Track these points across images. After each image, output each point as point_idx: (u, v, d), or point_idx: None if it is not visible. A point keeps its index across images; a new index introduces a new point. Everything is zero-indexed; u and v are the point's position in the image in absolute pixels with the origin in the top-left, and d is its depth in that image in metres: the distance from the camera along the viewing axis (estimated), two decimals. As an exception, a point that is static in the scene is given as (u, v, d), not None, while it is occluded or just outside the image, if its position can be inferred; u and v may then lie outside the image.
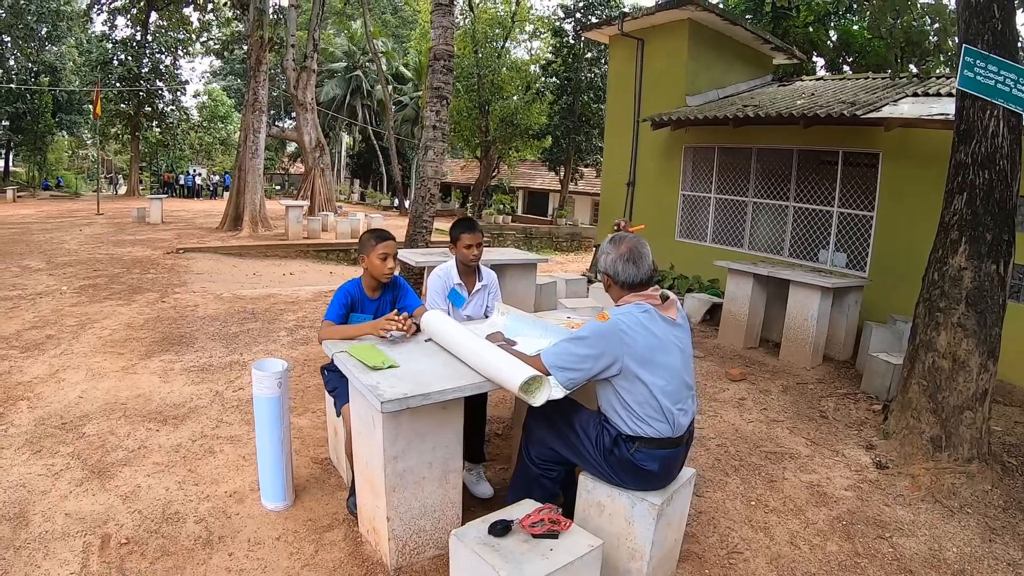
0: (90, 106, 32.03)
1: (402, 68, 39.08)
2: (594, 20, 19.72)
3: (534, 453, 2.81)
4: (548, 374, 2.51)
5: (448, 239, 3.85)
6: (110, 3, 30.57)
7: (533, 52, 30.60)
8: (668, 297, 2.65)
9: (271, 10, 18.20)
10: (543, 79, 26.85)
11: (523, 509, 2.48)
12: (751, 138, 8.57)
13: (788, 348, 6.40)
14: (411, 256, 6.81)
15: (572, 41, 24.68)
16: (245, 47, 27.36)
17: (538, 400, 2.47)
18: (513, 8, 25.58)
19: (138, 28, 31.97)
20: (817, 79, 10.40)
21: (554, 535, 2.30)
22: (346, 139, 44.76)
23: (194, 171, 41.45)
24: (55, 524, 3.12)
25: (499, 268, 6.79)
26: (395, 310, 3.33)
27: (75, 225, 19.41)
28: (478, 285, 3.94)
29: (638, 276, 2.61)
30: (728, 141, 8.91)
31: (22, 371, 6.16)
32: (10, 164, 42.11)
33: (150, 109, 33.47)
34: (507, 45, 26.39)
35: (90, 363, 6.00)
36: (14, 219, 21.11)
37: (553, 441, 2.74)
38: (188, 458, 3.79)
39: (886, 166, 7.29)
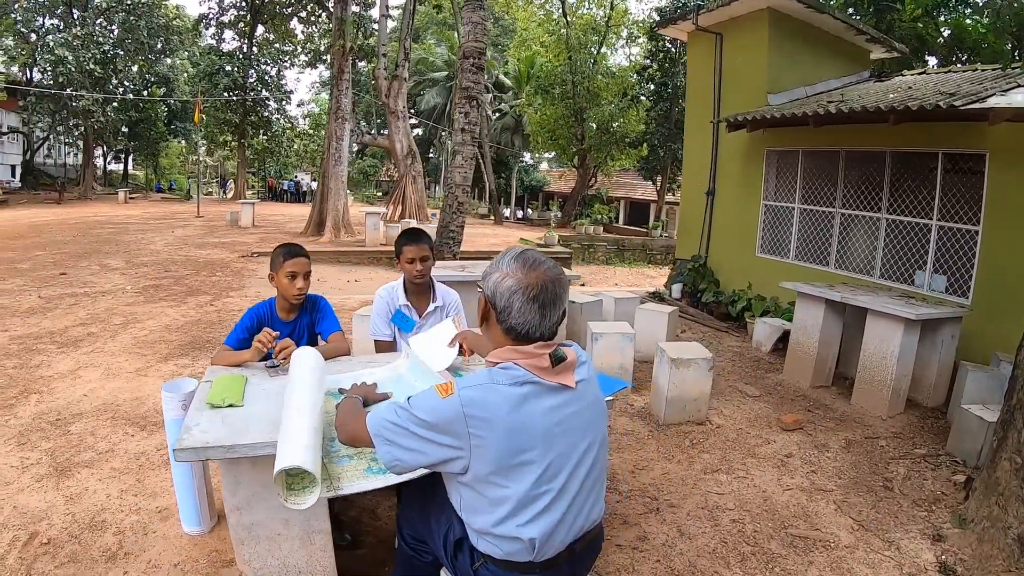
0: (201, 115, 34.03)
1: (502, 77, 39.05)
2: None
3: (404, 529, 2.12)
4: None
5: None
6: (218, 17, 32.40)
7: (632, 58, 29.71)
8: (563, 359, 1.67)
9: (354, 19, 18.35)
10: (639, 85, 25.90)
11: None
12: (838, 139, 7.42)
13: (862, 391, 5.25)
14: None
15: (668, 45, 23.59)
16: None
17: (301, 502, 1.84)
18: (608, 12, 24.82)
19: (244, 41, 33.67)
20: (919, 73, 8.97)
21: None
22: (450, 147, 45.21)
23: (297, 177, 43.31)
24: (1, 515, 3.25)
25: None
26: (266, 331, 2.78)
27: (171, 226, 20.40)
28: (431, 307, 3.32)
29: (539, 328, 1.68)
30: (813, 143, 7.80)
31: (49, 365, 6.34)
32: (129, 167, 45.77)
33: (255, 118, 35.12)
34: (602, 51, 25.67)
35: (111, 362, 6.14)
36: (119, 219, 22.48)
37: (418, 521, 2.04)
38: (144, 467, 3.72)
39: (994, 170, 5.96)
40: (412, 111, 40.93)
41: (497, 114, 37.93)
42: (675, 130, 24.45)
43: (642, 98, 25.69)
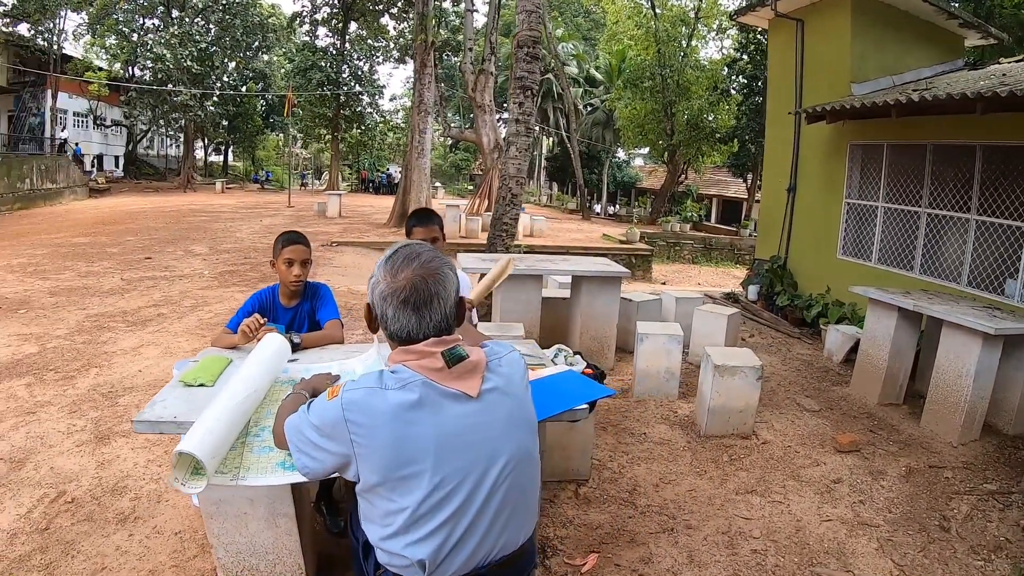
0: (297, 109, 35.35)
1: (593, 71, 38.55)
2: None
3: (353, 525, 1.90)
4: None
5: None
6: (311, 15, 33.44)
7: (724, 51, 28.61)
8: (463, 358, 1.50)
9: (435, 13, 18.48)
10: (730, 78, 24.88)
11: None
12: (924, 132, 6.72)
13: (932, 413, 4.63)
14: (467, 261, 6.15)
15: (759, 36, 22.50)
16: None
17: (195, 486, 1.76)
18: (697, 4, 23.96)
19: (337, 37, 34.61)
20: (1017, 60, 8.00)
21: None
22: (546, 142, 45.24)
23: (390, 169, 44.28)
24: (38, 473, 3.59)
25: (575, 281, 5.97)
26: (255, 317, 2.75)
27: (260, 216, 21.18)
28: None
29: (419, 331, 1.52)
30: (897, 137, 7.11)
31: (115, 343, 6.69)
32: (229, 159, 48.03)
33: (349, 112, 36.07)
34: (692, 43, 24.83)
35: (172, 342, 6.47)
36: (212, 208, 23.56)
37: (353, 518, 1.85)
38: (174, 440, 3.75)
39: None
40: (504, 105, 41.08)
41: (588, 108, 37.52)
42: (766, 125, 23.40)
43: (732, 92, 24.71)
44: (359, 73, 36.07)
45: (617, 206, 36.80)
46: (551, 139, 44.14)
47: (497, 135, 22.00)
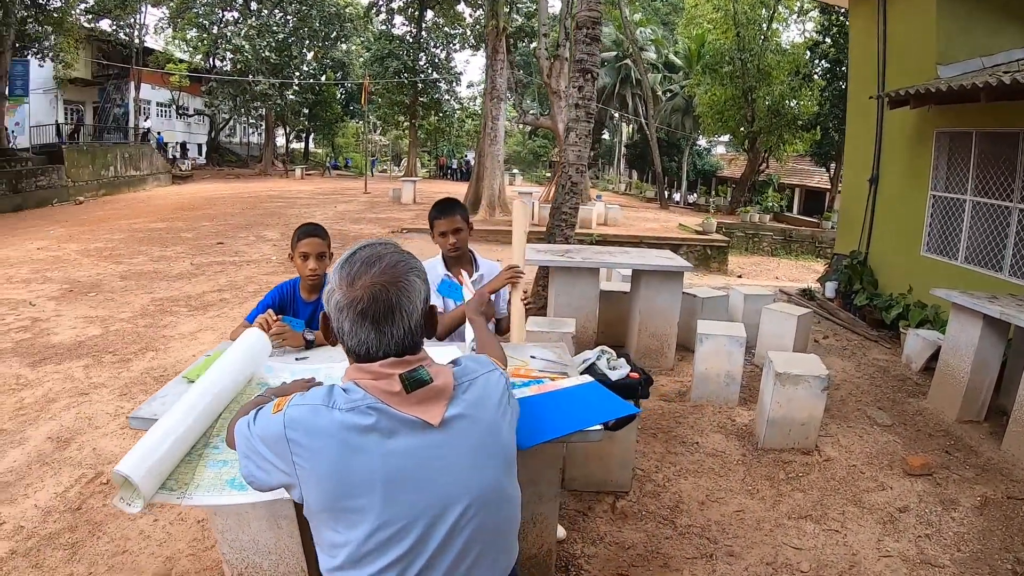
0: (376, 97, 35.93)
1: (672, 56, 37.54)
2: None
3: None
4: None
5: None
6: (387, 4, 33.77)
7: (806, 34, 27.26)
8: (425, 382, 1.28)
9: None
10: (812, 62, 23.69)
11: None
12: (1018, 118, 6.03)
13: (1016, 435, 4.03)
14: (528, 255, 5.91)
15: (843, 18, 21.26)
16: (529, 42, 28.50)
17: (130, 507, 1.64)
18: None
19: (413, 25, 34.88)
20: None
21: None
22: (626, 130, 44.55)
23: (468, 156, 44.51)
24: (80, 453, 3.79)
25: (635, 275, 5.68)
26: (269, 312, 2.64)
27: (336, 202, 21.55)
28: (474, 276, 3.09)
29: (380, 346, 1.30)
30: (988, 123, 6.43)
31: (175, 327, 6.86)
32: (309, 146, 49.24)
33: (426, 99, 36.38)
34: (773, 26, 23.74)
35: (229, 327, 6.66)
36: (290, 194, 24.15)
37: None
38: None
39: None
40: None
41: (667, 95, 36.64)
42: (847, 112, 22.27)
43: (815, 77, 23.53)
44: (436, 60, 36.40)
45: (696, 195, 35.84)
46: (631, 126, 43.44)
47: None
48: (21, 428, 4.45)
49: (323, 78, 39.80)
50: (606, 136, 49.24)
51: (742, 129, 24.98)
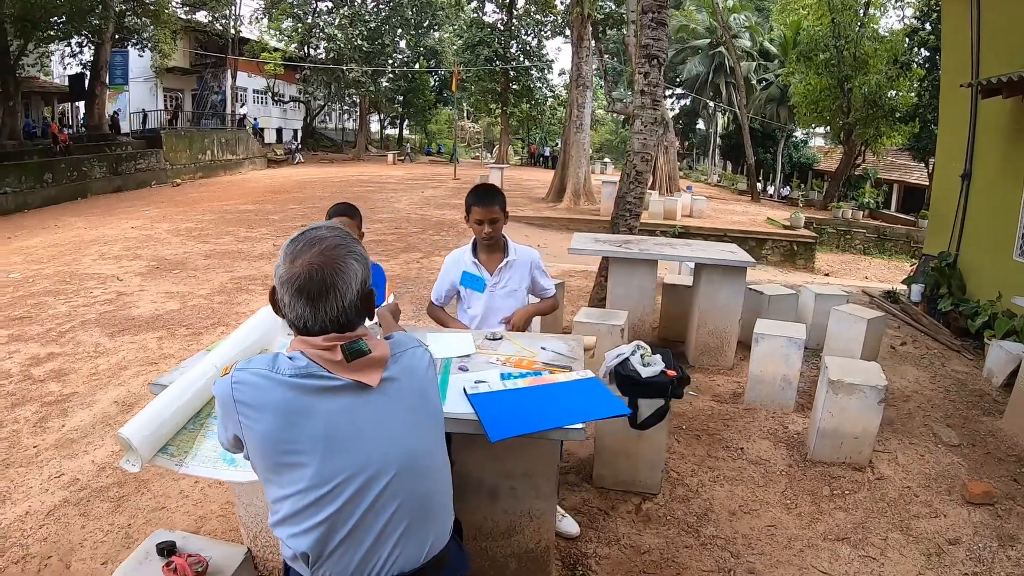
0: (467, 84, 36.28)
1: (767, 44, 36.10)
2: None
3: None
4: None
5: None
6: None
7: (905, 20, 25.55)
8: (364, 352, 1.39)
9: None
10: (911, 50, 22.17)
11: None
12: None
13: None
14: (581, 241, 5.79)
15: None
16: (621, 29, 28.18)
17: (133, 467, 1.78)
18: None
19: (504, 12, 34.87)
20: None
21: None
22: (721, 120, 43.40)
23: (559, 143, 44.43)
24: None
25: (696, 268, 5.48)
26: None
27: (424, 187, 21.91)
28: (502, 262, 3.04)
29: (315, 322, 1.38)
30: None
31: (248, 304, 7.26)
32: (403, 132, 50.21)
33: (518, 87, 36.43)
34: (870, 11, 22.37)
35: None
36: (380, 179, 24.72)
37: None
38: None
39: None
40: (675, 80, 39.76)
41: (762, 84, 35.34)
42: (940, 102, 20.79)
43: (914, 65, 22.04)
44: (527, 48, 36.40)
45: (791, 188, 34.47)
46: (726, 116, 42.20)
47: (663, 110, 21.29)
48: (92, 392, 4.76)
49: (416, 66, 40.53)
50: (701, 126, 48.00)
51: (838, 120, 23.71)
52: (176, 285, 8.01)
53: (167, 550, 1.96)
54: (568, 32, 33.93)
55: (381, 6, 34.57)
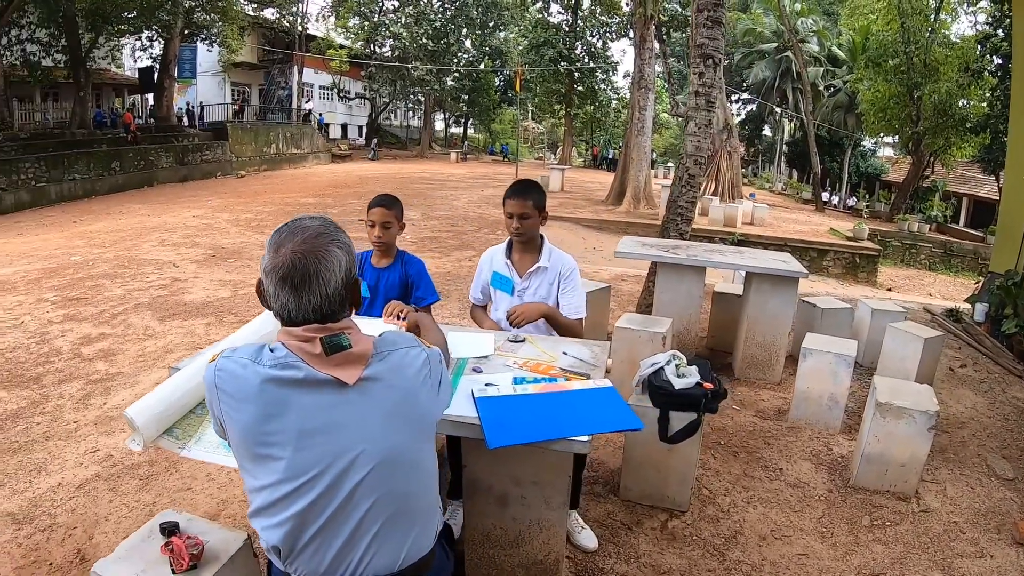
0: (531, 85, 36.33)
1: (835, 49, 35.00)
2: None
3: None
4: None
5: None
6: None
7: (978, 26, 24.39)
8: (344, 347, 1.37)
9: None
10: (983, 57, 21.14)
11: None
12: None
13: None
14: (627, 245, 5.63)
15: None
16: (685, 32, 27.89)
17: (137, 446, 1.82)
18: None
19: (569, 13, 34.76)
20: None
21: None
22: (787, 126, 42.40)
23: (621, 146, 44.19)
24: None
25: (747, 277, 5.30)
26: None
27: (484, 186, 21.99)
28: (534, 266, 2.94)
29: (298, 311, 1.38)
30: None
31: None
32: (467, 131, 50.55)
33: (582, 88, 36.28)
34: (940, 17, 21.43)
35: None
36: (441, 176, 24.93)
37: None
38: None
39: None
40: (741, 84, 39.03)
41: (830, 90, 34.33)
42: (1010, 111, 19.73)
43: (986, 73, 21.02)
44: (592, 50, 36.23)
45: (856, 199, 33.37)
46: (792, 122, 41.17)
47: (727, 114, 20.95)
48: (136, 372, 4.89)
49: (481, 66, 40.79)
50: (767, 132, 46.91)
51: (906, 129, 22.88)
52: (229, 273, 8.19)
53: (169, 530, 1.97)
54: (632, 33, 33.82)
55: (446, 6, 34.93)
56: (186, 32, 24.97)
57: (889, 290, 14.18)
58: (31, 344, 5.42)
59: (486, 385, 2.05)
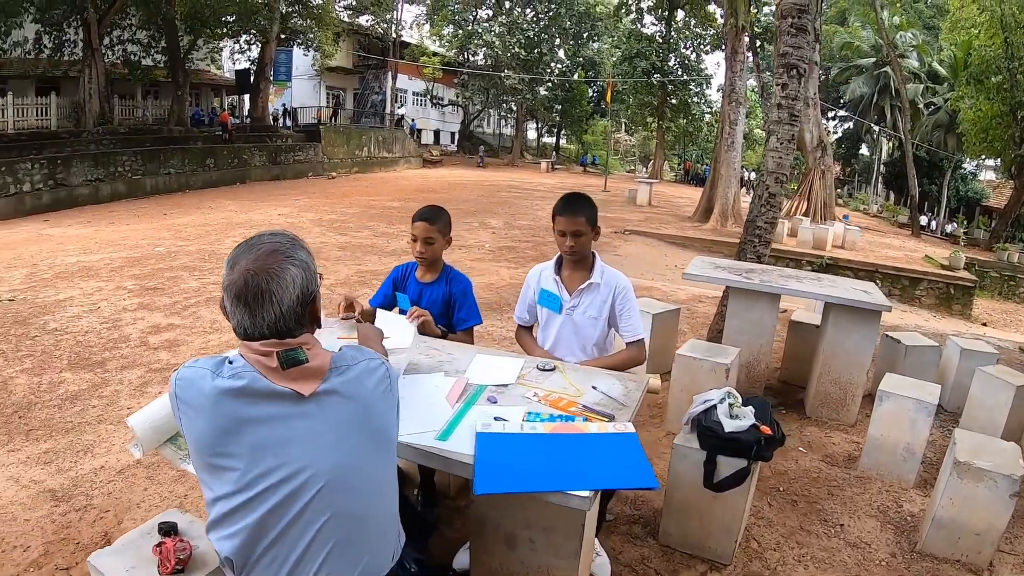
0: (624, 96, 36.03)
1: (935, 64, 33.06)
2: None
3: None
4: None
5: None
6: (637, 3, 33.54)
7: None
8: (300, 361, 1.38)
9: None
10: None
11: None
12: None
13: None
14: (698, 266, 5.35)
15: None
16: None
17: (138, 451, 1.82)
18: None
19: (663, 25, 34.38)
20: None
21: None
22: (886, 146, 40.53)
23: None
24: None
25: (825, 307, 4.95)
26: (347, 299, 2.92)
27: (571, 198, 21.92)
28: (584, 283, 2.81)
29: (253, 328, 1.39)
30: None
31: (365, 297, 7.34)
32: (560, 141, 50.55)
33: (676, 101, 35.73)
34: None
35: None
36: (529, 185, 25.04)
37: None
38: None
39: None
40: (838, 101, 37.55)
41: (930, 108, 32.49)
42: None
43: None
44: (686, 62, 35.67)
45: (955, 224, 31.38)
46: (891, 142, 39.24)
47: (821, 131, 20.20)
48: (197, 364, 5.03)
49: (575, 76, 40.81)
50: (864, 151, 44.85)
51: (1009, 151, 21.41)
52: (303, 273, 8.32)
53: (166, 530, 1.99)
54: (724, 45, 33.07)
55: (539, 16, 35.10)
56: (282, 36, 26.05)
57: (984, 325, 13.20)
58: (103, 329, 5.66)
59: (494, 419, 1.91)
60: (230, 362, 1.40)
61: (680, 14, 34.49)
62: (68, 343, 5.34)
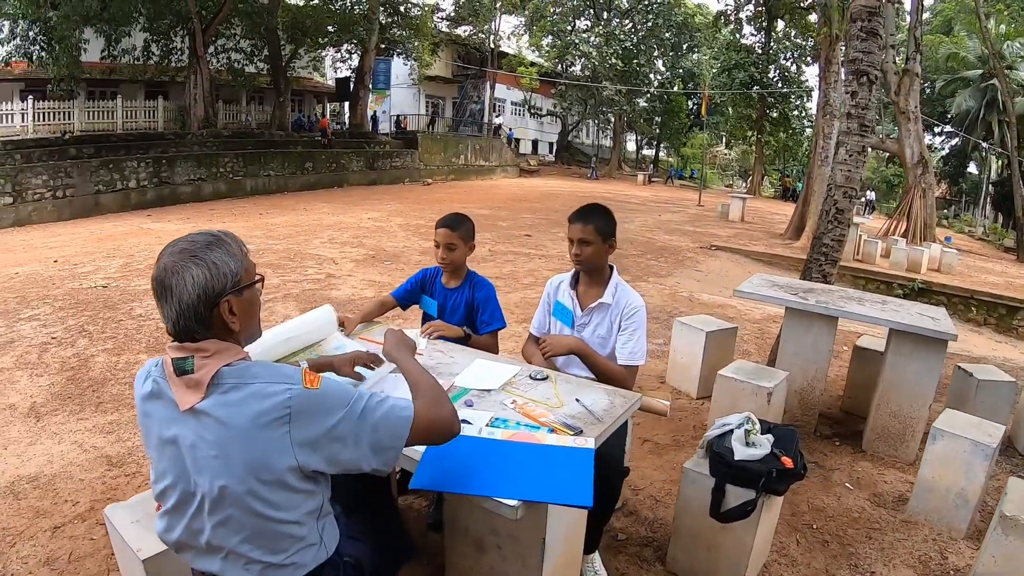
0: (723, 109, 35.22)
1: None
2: None
3: None
4: None
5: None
6: (735, 13, 32.63)
7: None
8: (186, 371, 1.40)
9: (839, 3, 16.34)
10: None
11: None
12: None
13: None
14: (755, 285, 5.11)
15: None
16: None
17: None
18: None
19: (762, 35, 33.42)
20: None
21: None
22: (995, 164, 37.73)
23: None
24: None
25: (889, 334, 4.61)
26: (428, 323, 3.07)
27: (664, 210, 21.69)
28: (596, 301, 2.80)
29: (165, 322, 1.44)
30: None
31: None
32: (659, 153, 49.95)
33: (776, 114, 34.62)
34: None
35: None
36: (623, 197, 24.98)
37: None
38: None
39: None
40: (944, 115, 35.26)
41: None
42: None
43: None
44: (786, 74, 34.52)
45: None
46: (1000, 160, 36.39)
47: (922, 147, 19.04)
48: (256, 360, 5.34)
49: (674, 87, 40.26)
50: (972, 170, 41.79)
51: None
52: (382, 275, 8.60)
53: None
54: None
55: (637, 27, 34.84)
56: (381, 47, 27.01)
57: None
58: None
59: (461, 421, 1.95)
60: (159, 365, 1.49)
61: (780, 24, 33.42)
62: (149, 328, 5.79)
